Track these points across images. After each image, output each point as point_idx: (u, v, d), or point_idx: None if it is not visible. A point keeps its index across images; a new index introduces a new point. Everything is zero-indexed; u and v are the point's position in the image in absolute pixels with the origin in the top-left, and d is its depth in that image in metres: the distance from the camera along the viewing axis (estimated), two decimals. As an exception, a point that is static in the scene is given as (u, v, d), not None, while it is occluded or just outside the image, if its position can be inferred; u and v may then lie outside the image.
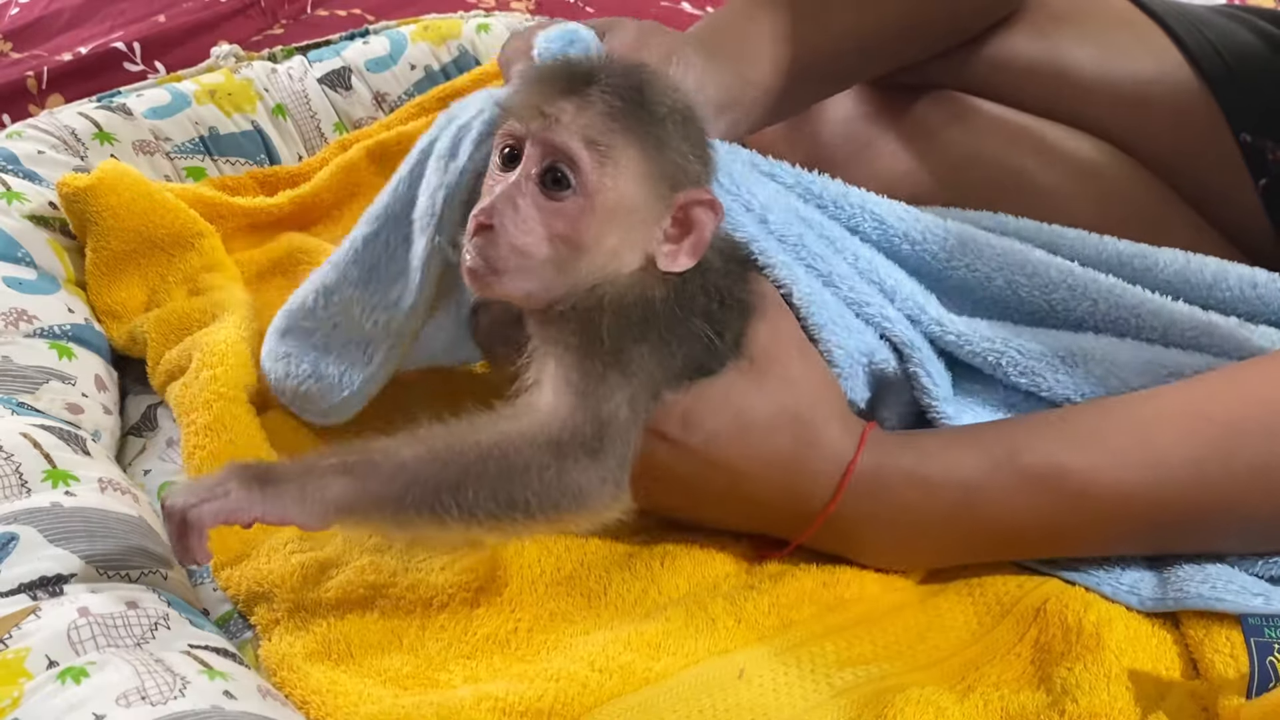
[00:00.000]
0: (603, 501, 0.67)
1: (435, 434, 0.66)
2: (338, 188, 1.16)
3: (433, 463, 0.64)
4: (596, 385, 0.67)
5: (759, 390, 0.71)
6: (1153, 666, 0.68)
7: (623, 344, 0.68)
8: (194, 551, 0.63)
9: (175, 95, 1.18)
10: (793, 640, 0.69)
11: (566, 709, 0.64)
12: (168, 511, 0.63)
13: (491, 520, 0.65)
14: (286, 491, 0.63)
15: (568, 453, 0.65)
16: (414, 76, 1.29)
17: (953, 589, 0.73)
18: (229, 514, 0.63)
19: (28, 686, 0.60)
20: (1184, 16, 0.99)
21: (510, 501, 0.65)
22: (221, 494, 0.63)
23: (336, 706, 0.65)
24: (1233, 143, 0.94)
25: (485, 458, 0.64)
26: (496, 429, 0.66)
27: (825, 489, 0.72)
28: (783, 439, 0.71)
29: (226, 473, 0.64)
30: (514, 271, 0.67)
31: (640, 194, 0.68)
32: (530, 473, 0.65)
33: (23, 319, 0.90)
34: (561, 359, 0.68)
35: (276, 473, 0.64)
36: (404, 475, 0.64)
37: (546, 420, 0.66)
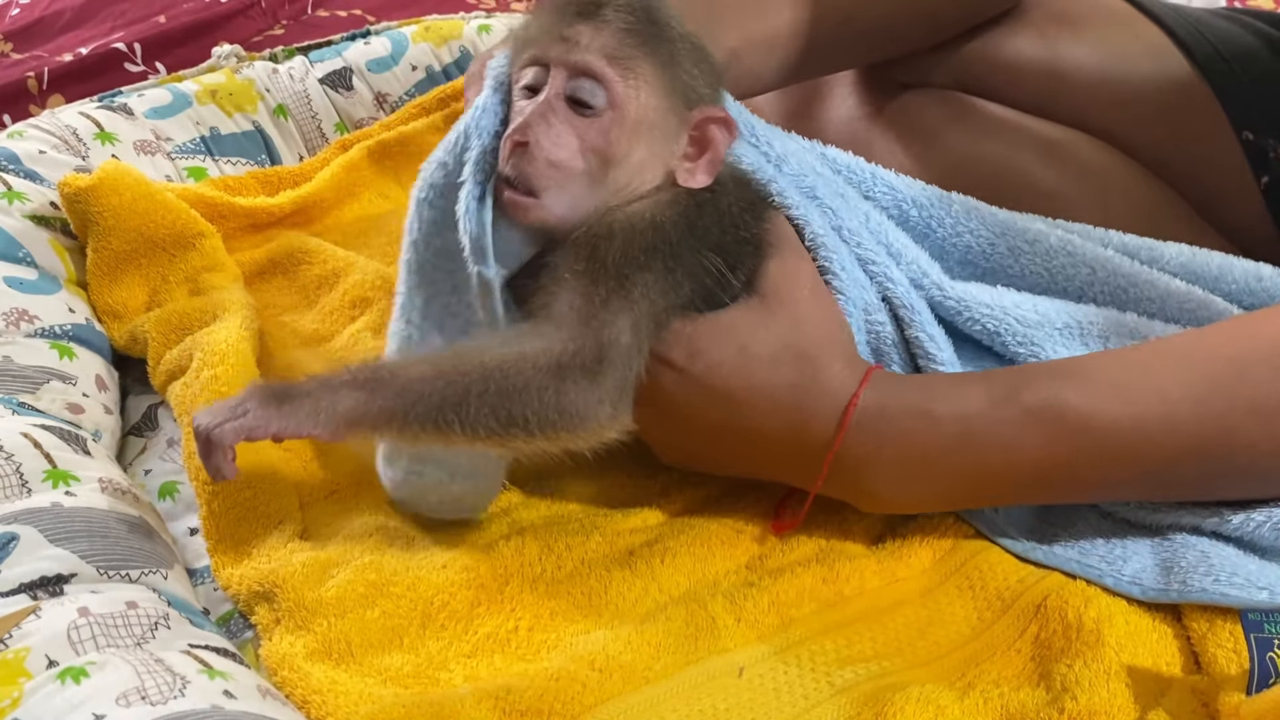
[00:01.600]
0: (599, 423, 0.69)
1: (442, 355, 0.69)
2: (339, 188, 1.16)
3: (437, 380, 0.67)
4: (599, 310, 0.69)
5: (765, 326, 0.72)
6: (1153, 663, 0.68)
7: (627, 271, 0.69)
8: (221, 468, 0.68)
9: (176, 95, 1.18)
10: (792, 638, 0.69)
11: (566, 708, 0.64)
12: (194, 432, 0.68)
13: (493, 436, 0.67)
14: (301, 407, 0.67)
15: (567, 375, 0.67)
16: (415, 77, 1.29)
17: (953, 584, 0.73)
18: (249, 430, 0.67)
19: (28, 686, 0.60)
20: (1184, 17, 0.99)
21: (510, 419, 0.67)
22: (241, 413, 0.67)
23: (337, 706, 0.65)
24: (1234, 142, 0.94)
25: (487, 377, 0.67)
26: (500, 351, 0.68)
27: (826, 426, 0.72)
28: (785, 374, 0.71)
29: (247, 392, 0.68)
30: (552, 189, 0.70)
31: (661, 107, 0.71)
32: (529, 393, 0.67)
33: (24, 319, 0.90)
34: (567, 284, 0.70)
35: (293, 390, 0.68)
36: (410, 391, 0.67)
37: (548, 344, 0.68)
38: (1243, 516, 0.73)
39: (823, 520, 0.77)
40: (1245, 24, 0.99)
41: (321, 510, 0.81)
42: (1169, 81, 0.96)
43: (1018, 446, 0.71)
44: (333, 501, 0.82)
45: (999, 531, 0.76)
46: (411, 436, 0.68)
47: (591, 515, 0.78)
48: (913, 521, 0.77)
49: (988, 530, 0.76)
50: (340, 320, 1.00)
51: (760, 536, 0.76)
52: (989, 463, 0.72)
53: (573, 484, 0.83)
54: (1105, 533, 0.76)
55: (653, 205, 0.71)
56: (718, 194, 0.73)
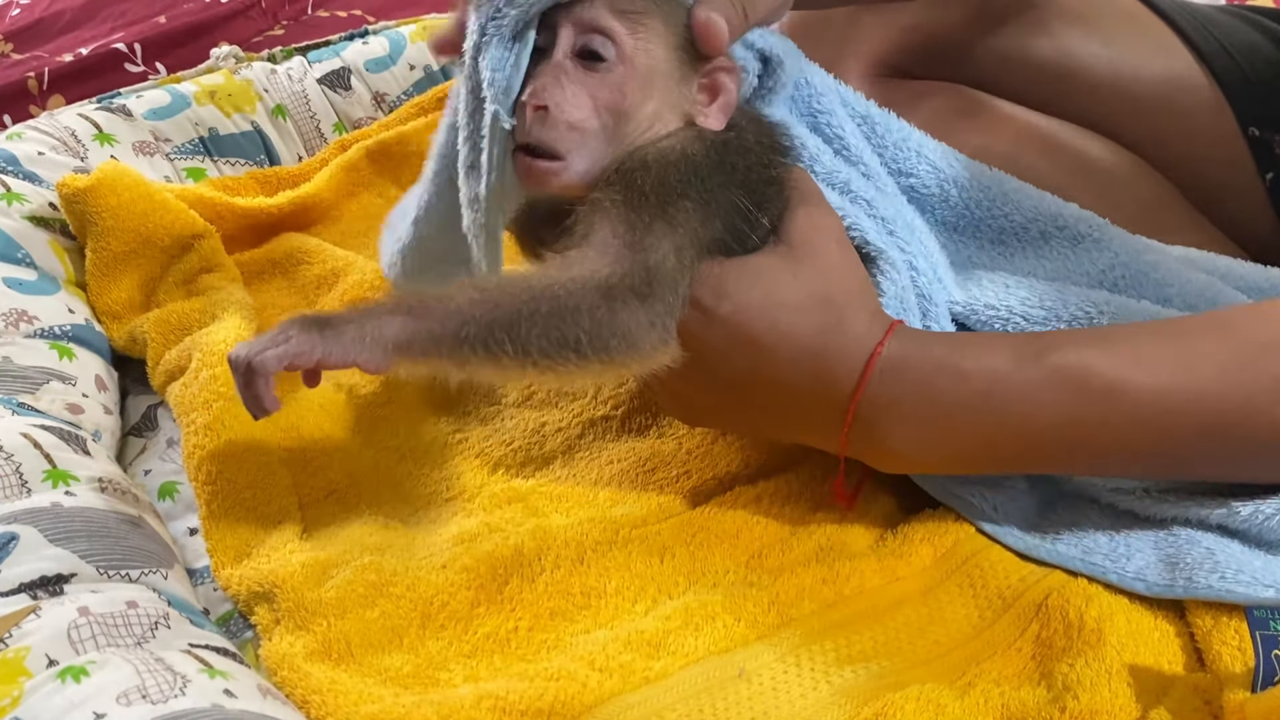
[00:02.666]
0: (651, 344, 0.68)
1: (488, 280, 0.67)
2: (337, 188, 1.16)
3: (485, 303, 0.66)
4: (643, 235, 0.68)
5: (793, 273, 0.71)
6: (1155, 661, 0.68)
7: (667, 197, 0.69)
8: (262, 397, 0.65)
9: (175, 96, 1.18)
10: (792, 638, 0.69)
11: (566, 708, 0.64)
12: (233, 363, 0.65)
13: (545, 359, 0.66)
14: (346, 332, 0.65)
15: (617, 295, 0.67)
16: (413, 77, 1.29)
17: (953, 582, 0.73)
18: (293, 356, 0.64)
19: (28, 685, 0.60)
20: (1192, 15, 0.99)
21: (562, 340, 0.66)
22: (283, 340, 0.64)
23: (337, 706, 0.65)
24: (1240, 138, 0.94)
25: (537, 298, 0.66)
26: (548, 275, 0.67)
27: (849, 376, 0.72)
28: (811, 320, 0.71)
29: (287, 322, 0.65)
30: (575, 151, 0.69)
31: (671, 58, 0.71)
32: (581, 312, 0.66)
33: (23, 319, 0.90)
34: (607, 213, 0.69)
35: (337, 318, 0.65)
36: (459, 314, 0.65)
37: (596, 267, 0.67)
38: (1252, 508, 0.72)
39: (823, 519, 0.77)
40: (1251, 20, 0.99)
41: (321, 510, 0.81)
42: (1176, 78, 0.96)
43: (1039, 407, 0.71)
44: (333, 501, 0.82)
45: (1001, 529, 0.76)
46: (460, 360, 0.66)
47: (591, 515, 0.78)
48: (913, 520, 0.77)
49: (990, 527, 0.76)
50: (340, 320, 1.00)
51: (760, 536, 0.76)
52: (1009, 422, 0.71)
53: (572, 484, 0.83)
54: (1108, 529, 0.75)
55: (681, 140, 0.71)
56: (740, 132, 0.73)
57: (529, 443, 0.86)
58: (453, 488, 0.84)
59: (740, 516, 0.77)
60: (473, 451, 0.86)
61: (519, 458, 0.85)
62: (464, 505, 0.82)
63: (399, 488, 0.85)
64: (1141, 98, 0.96)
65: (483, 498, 0.82)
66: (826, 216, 0.74)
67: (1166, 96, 0.96)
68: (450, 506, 0.82)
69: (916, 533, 0.75)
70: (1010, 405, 0.71)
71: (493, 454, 0.86)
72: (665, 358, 0.69)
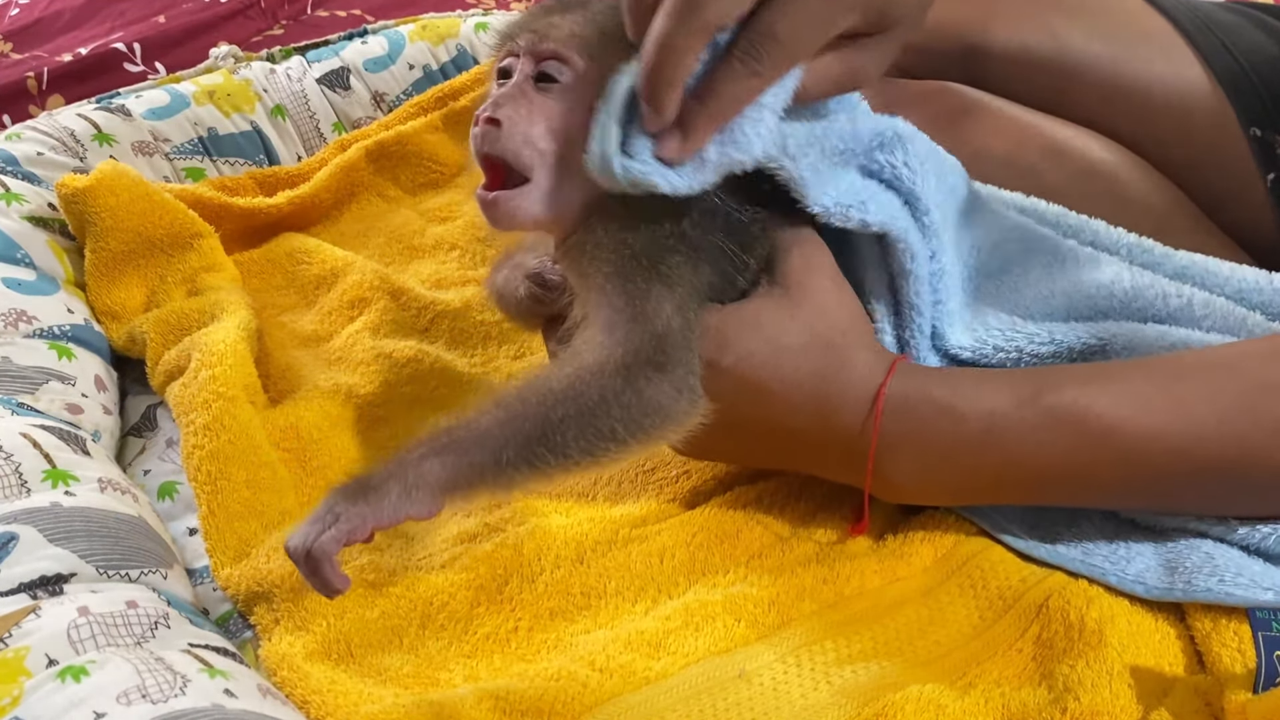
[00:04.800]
0: (682, 410, 0.68)
1: (508, 395, 0.66)
2: (337, 188, 1.16)
3: (513, 421, 0.65)
4: (644, 303, 0.68)
5: (792, 316, 0.71)
6: (1156, 663, 0.68)
7: (657, 256, 0.69)
8: (332, 581, 0.63)
9: (174, 96, 1.18)
10: (793, 638, 0.69)
11: (566, 708, 0.64)
12: (293, 556, 0.63)
13: (586, 456, 0.66)
14: (390, 491, 0.63)
15: (636, 373, 0.66)
16: (412, 76, 1.29)
17: (954, 583, 0.73)
18: (348, 534, 0.63)
19: (28, 685, 0.60)
20: (1193, 13, 0.99)
21: (598, 433, 0.65)
22: (333, 519, 0.63)
23: (337, 706, 0.65)
24: (1242, 139, 0.94)
25: (562, 402, 0.65)
26: (563, 373, 0.67)
27: (852, 416, 0.72)
28: (814, 363, 0.71)
29: (329, 499, 0.64)
30: (538, 168, 0.69)
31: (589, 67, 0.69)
32: (608, 403, 0.65)
33: (22, 319, 0.90)
34: (603, 290, 0.69)
35: (373, 480, 0.64)
36: (492, 440, 0.64)
37: (607, 351, 0.67)
38: (1249, 528, 0.73)
39: (823, 519, 0.77)
40: (1252, 18, 0.99)
41: (321, 510, 0.81)
42: (1178, 78, 0.96)
43: (1038, 447, 0.71)
44: (332, 502, 0.82)
45: (1001, 529, 0.76)
46: (507, 482, 0.65)
47: (591, 515, 0.78)
48: (914, 520, 0.77)
49: (990, 528, 0.76)
50: (339, 320, 1.00)
51: (760, 536, 0.76)
52: (1008, 461, 0.72)
53: (572, 483, 0.83)
54: (1109, 533, 0.75)
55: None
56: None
57: (529, 443, 0.86)
58: (452, 488, 0.84)
59: (740, 516, 0.77)
60: (472, 451, 0.86)
61: (519, 458, 0.85)
62: (463, 505, 0.82)
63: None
64: (1143, 98, 0.96)
65: (482, 497, 0.82)
66: (819, 253, 0.74)
67: (1168, 96, 0.96)
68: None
69: (917, 533, 0.75)
70: (1009, 446, 0.71)
71: (492, 454, 0.86)
72: (698, 416, 0.69)
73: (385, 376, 0.92)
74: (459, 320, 0.98)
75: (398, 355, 0.93)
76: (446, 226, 1.13)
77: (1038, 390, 0.71)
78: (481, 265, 1.07)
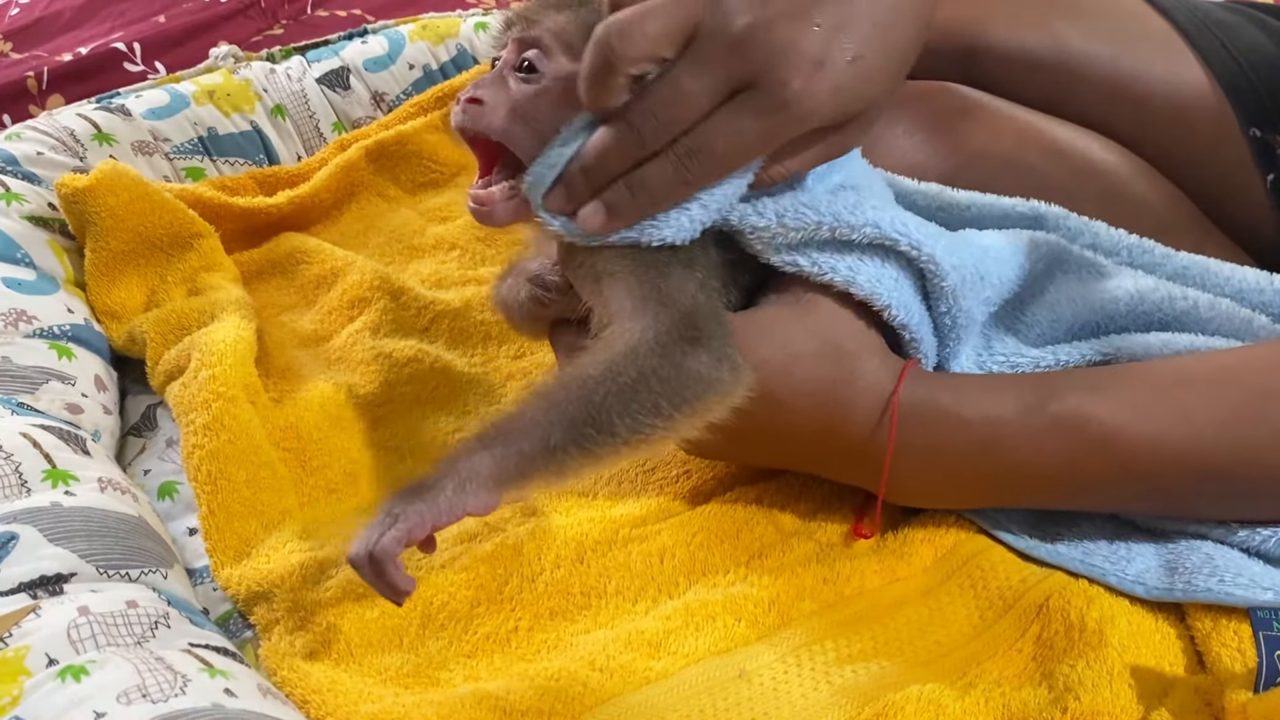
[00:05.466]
0: (726, 378, 0.67)
1: (547, 384, 0.66)
2: (337, 188, 1.16)
3: (557, 406, 0.64)
4: (666, 285, 0.68)
5: (802, 323, 0.71)
6: (1156, 663, 0.68)
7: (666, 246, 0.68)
8: (398, 582, 0.63)
9: (174, 96, 1.18)
10: (793, 638, 0.69)
11: (566, 709, 0.64)
12: (354, 563, 0.63)
13: (634, 434, 0.65)
14: (445, 488, 0.63)
15: (671, 349, 0.65)
16: (412, 76, 1.29)
17: (954, 583, 0.73)
18: (409, 533, 0.62)
19: (28, 684, 0.60)
20: (1193, 13, 0.99)
21: (642, 409, 0.65)
22: (391, 521, 0.63)
23: (337, 705, 0.65)
24: (1241, 139, 0.94)
25: (601, 383, 0.64)
26: (599, 359, 0.66)
27: (862, 422, 0.72)
28: (825, 370, 0.71)
29: (386, 503, 0.64)
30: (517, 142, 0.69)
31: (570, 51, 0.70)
32: (647, 378, 0.65)
33: (22, 319, 0.90)
34: (624, 281, 0.68)
35: (426, 480, 0.64)
36: (538, 428, 0.64)
37: (639, 333, 0.66)
38: (1248, 531, 0.73)
39: (823, 519, 0.77)
40: (1252, 17, 0.99)
41: (321, 510, 0.81)
42: (1178, 79, 0.96)
43: (1041, 455, 0.71)
44: (333, 501, 0.82)
45: (1002, 529, 0.76)
46: (558, 467, 0.64)
47: (591, 515, 0.78)
48: (914, 520, 0.77)
49: (990, 527, 0.76)
50: (339, 320, 1.00)
51: (760, 536, 0.76)
52: (1011, 468, 0.72)
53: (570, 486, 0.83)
54: (1109, 533, 0.76)
55: None
56: None
57: (529, 442, 0.86)
58: (452, 487, 0.84)
59: (740, 516, 0.77)
60: (472, 451, 0.86)
61: (519, 457, 0.85)
62: (463, 505, 0.82)
63: (399, 487, 0.84)
64: (1143, 97, 0.96)
65: (482, 497, 0.82)
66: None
67: (1168, 96, 0.96)
68: (450, 506, 0.82)
69: (917, 533, 0.75)
70: (1013, 453, 0.72)
71: (492, 454, 0.86)
72: (744, 385, 0.68)
73: (385, 376, 0.92)
74: (459, 320, 0.98)
75: (398, 355, 0.93)
76: (446, 226, 1.13)
77: (1041, 398, 0.71)
78: (481, 265, 1.07)
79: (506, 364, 0.94)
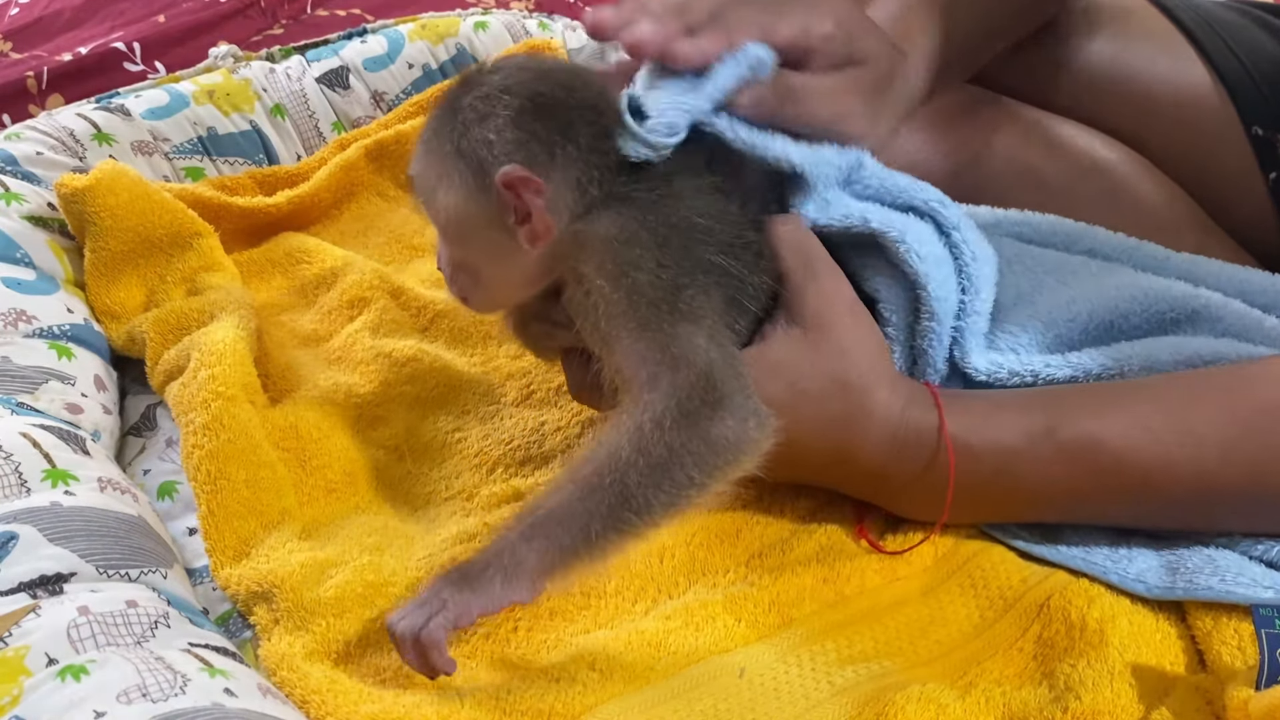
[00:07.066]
0: (752, 436, 0.67)
1: (581, 470, 0.66)
2: (336, 187, 1.16)
3: (593, 493, 0.65)
4: (676, 346, 0.67)
5: (811, 360, 0.71)
6: (1157, 662, 0.68)
7: (670, 294, 0.68)
8: (442, 665, 0.64)
9: (173, 96, 1.18)
10: (793, 638, 0.69)
11: (566, 709, 0.64)
12: (401, 642, 0.64)
13: (672, 508, 0.65)
14: (493, 581, 0.64)
15: (695, 418, 0.66)
16: (412, 75, 1.29)
17: (955, 582, 0.73)
18: (455, 621, 0.64)
19: (27, 684, 0.60)
20: (1195, 12, 0.99)
21: (676, 485, 0.65)
22: (440, 605, 0.64)
23: (337, 706, 0.64)
24: (1244, 138, 0.94)
25: (633, 466, 0.65)
26: (625, 438, 0.66)
27: (873, 450, 0.72)
28: (833, 407, 0.71)
29: (436, 585, 0.65)
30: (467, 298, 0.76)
31: (456, 195, 0.71)
32: (678, 455, 0.65)
33: (22, 319, 0.90)
34: (630, 347, 0.68)
35: (474, 567, 0.65)
36: (578, 517, 0.65)
37: (660, 405, 0.66)
38: (1250, 542, 0.73)
39: (823, 519, 0.77)
40: (1254, 17, 0.99)
41: (321, 510, 0.81)
42: (1180, 77, 0.96)
43: (1050, 481, 0.72)
44: (332, 501, 0.82)
45: (1002, 529, 0.76)
46: (601, 553, 0.65)
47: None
48: (914, 520, 0.77)
49: (990, 529, 0.76)
50: (338, 320, 1.00)
51: (760, 536, 0.76)
52: (1020, 491, 0.73)
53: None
54: (1110, 534, 0.75)
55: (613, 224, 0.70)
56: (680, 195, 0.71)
57: (528, 442, 0.86)
58: (451, 487, 0.84)
59: (740, 516, 0.77)
60: (472, 450, 0.86)
61: (518, 456, 0.85)
62: (463, 505, 0.82)
63: (398, 487, 0.84)
64: (1146, 96, 0.96)
65: (481, 497, 0.82)
66: (835, 283, 0.73)
67: (1171, 95, 0.96)
68: (449, 506, 0.82)
69: (917, 535, 0.75)
70: (1021, 478, 0.72)
71: (492, 453, 0.86)
72: (773, 432, 0.68)
73: (385, 376, 0.92)
74: (459, 320, 0.98)
75: (397, 355, 0.93)
76: (446, 226, 1.13)
77: (1050, 424, 0.71)
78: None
79: (506, 364, 0.94)
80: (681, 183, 0.72)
